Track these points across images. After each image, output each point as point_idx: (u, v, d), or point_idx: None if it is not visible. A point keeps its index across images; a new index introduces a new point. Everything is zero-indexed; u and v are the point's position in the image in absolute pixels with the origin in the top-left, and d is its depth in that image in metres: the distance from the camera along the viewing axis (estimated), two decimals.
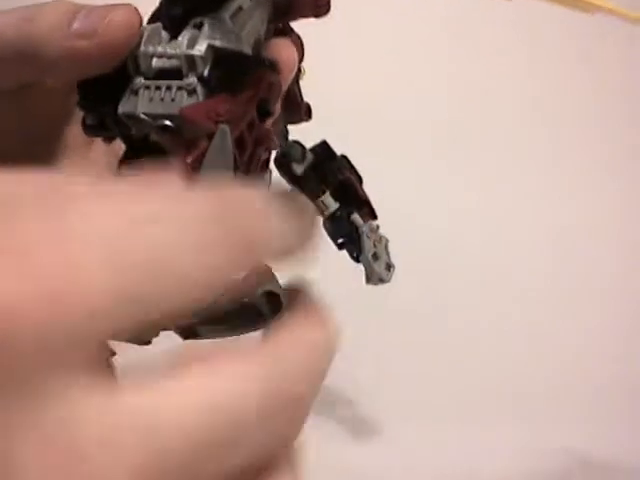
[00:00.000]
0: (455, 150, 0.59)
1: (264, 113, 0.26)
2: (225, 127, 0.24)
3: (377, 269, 0.35)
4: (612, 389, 0.47)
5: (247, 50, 0.27)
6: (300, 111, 0.33)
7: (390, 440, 0.43)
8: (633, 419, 0.45)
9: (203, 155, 0.24)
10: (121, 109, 0.26)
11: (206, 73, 0.26)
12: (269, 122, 0.26)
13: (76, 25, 0.25)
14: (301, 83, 0.33)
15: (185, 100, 0.25)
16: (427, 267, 0.54)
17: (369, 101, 0.57)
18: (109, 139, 0.29)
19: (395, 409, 0.45)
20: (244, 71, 0.26)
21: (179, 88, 0.26)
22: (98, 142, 0.33)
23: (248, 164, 0.25)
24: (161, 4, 0.28)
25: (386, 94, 0.58)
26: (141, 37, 0.26)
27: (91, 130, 0.28)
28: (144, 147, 0.28)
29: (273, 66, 0.26)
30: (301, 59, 0.32)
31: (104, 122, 0.28)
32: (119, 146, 0.32)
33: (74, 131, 0.32)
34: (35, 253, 0.15)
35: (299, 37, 0.32)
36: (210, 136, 0.24)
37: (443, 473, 0.41)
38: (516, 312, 0.53)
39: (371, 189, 0.35)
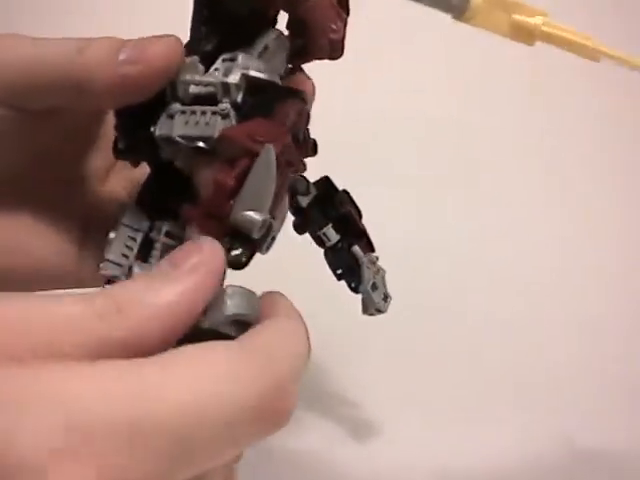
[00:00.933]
0: (457, 153, 0.60)
1: (295, 138, 0.27)
2: (270, 146, 0.25)
3: (375, 299, 0.37)
4: (613, 383, 0.48)
5: (277, 80, 0.29)
6: (307, 146, 0.35)
7: (390, 430, 0.44)
8: (633, 412, 0.47)
9: (245, 173, 0.26)
10: (158, 132, 0.28)
11: (239, 99, 0.28)
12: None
13: (122, 56, 0.27)
14: None
15: (219, 123, 0.27)
16: (429, 261, 0.55)
17: (370, 136, 0.58)
18: (136, 163, 0.31)
19: (395, 399, 0.46)
20: (275, 98, 0.28)
21: (213, 113, 0.27)
22: (116, 169, 0.35)
23: (279, 184, 0.27)
24: (192, 38, 0.30)
25: (387, 131, 0.59)
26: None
27: (121, 153, 0.30)
28: (168, 172, 0.30)
29: (302, 95, 0.28)
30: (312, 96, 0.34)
31: (135, 146, 0.29)
32: (135, 176, 0.34)
33: (94, 158, 0.33)
34: None
35: (309, 77, 0.35)
36: (252, 156, 0.26)
37: (443, 465, 0.41)
38: (518, 307, 0.53)
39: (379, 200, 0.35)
